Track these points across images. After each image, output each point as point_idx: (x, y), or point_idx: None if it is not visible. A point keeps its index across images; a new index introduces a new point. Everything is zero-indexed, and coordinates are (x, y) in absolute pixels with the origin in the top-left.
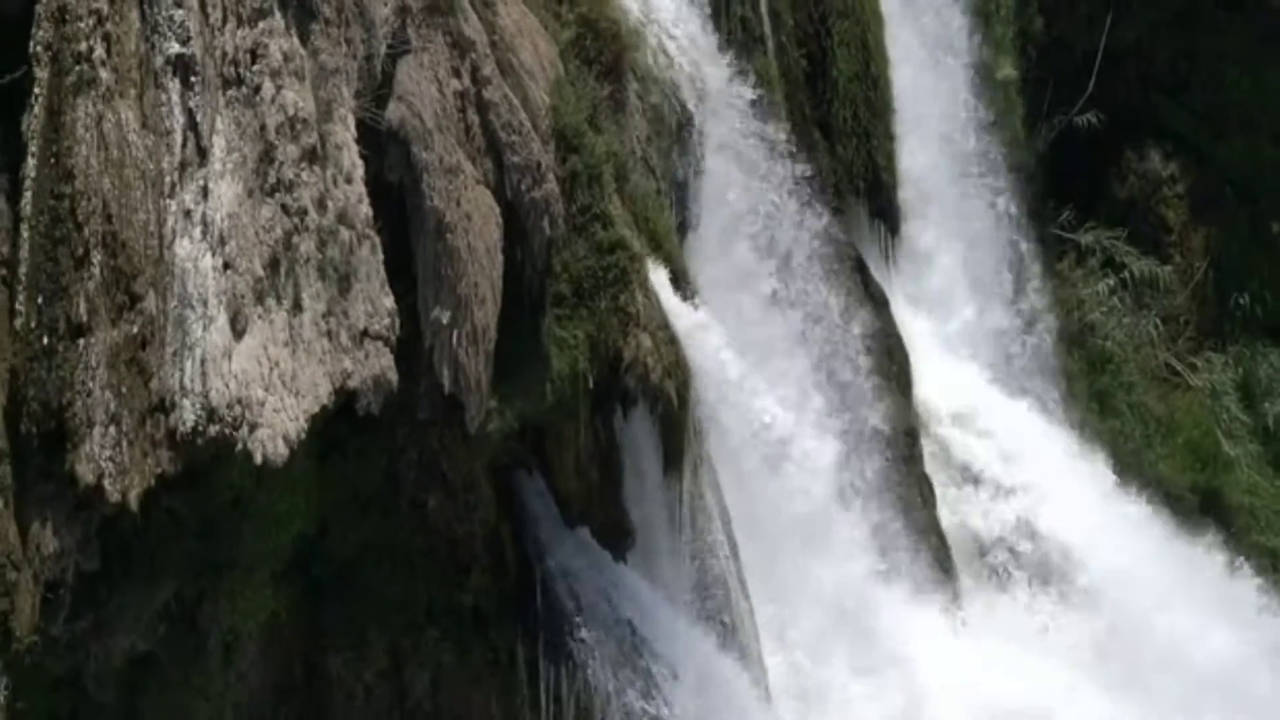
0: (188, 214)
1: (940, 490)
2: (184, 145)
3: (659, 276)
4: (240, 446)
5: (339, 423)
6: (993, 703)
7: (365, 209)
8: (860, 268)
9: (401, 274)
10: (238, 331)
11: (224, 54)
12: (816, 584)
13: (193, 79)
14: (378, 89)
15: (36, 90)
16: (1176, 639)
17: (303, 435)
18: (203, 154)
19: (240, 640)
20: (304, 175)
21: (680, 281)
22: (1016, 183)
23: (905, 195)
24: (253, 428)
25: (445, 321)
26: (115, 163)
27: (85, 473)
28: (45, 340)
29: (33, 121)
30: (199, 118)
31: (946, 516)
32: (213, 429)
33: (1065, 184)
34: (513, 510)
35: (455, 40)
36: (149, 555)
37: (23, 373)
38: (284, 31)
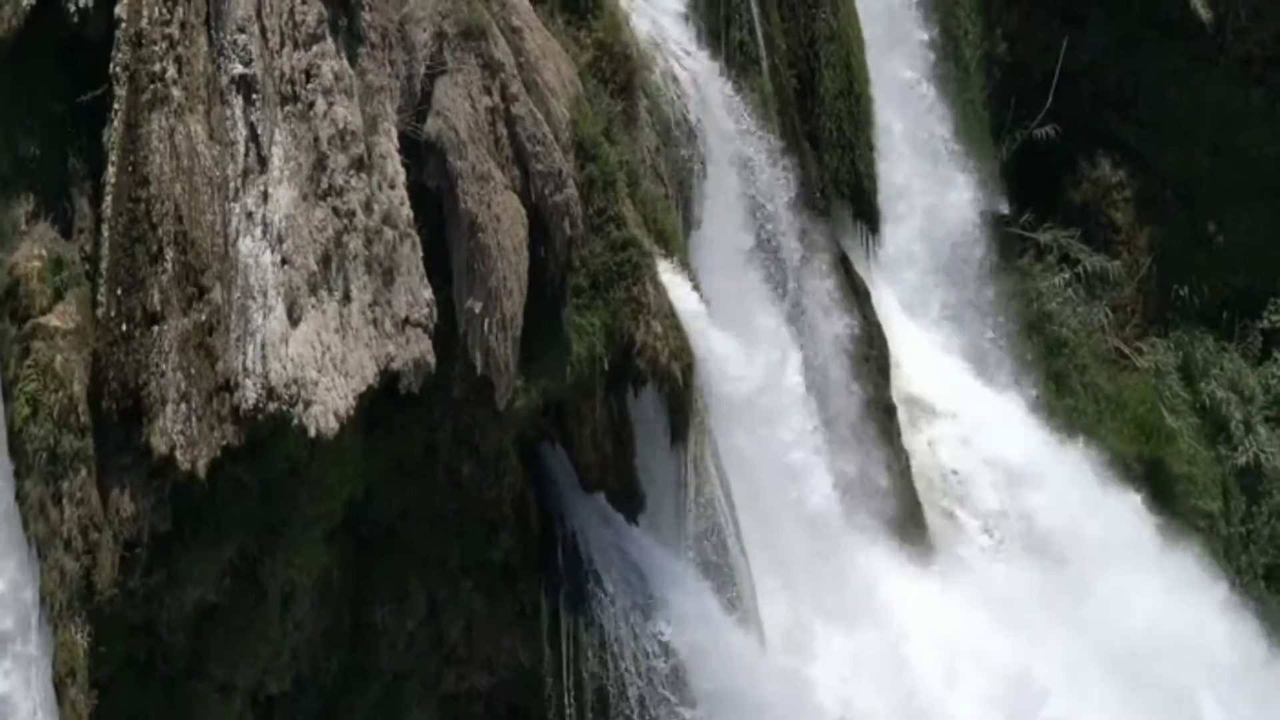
0: (249, 215)
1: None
2: (246, 155)
3: (667, 271)
4: (296, 421)
5: (383, 400)
6: (962, 641)
7: (407, 211)
8: (844, 262)
9: (439, 269)
10: (294, 320)
11: (282, 74)
12: (803, 540)
13: (254, 96)
14: (418, 105)
15: (116, 106)
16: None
17: (351, 412)
18: (263, 163)
19: (296, 592)
20: (352, 181)
21: (685, 274)
22: (983, 188)
23: (884, 199)
24: (307, 405)
25: (477, 311)
26: (185, 170)
27: (159, 444)
28: (124, 327)
29: (112, 134)
30: (260, 130)
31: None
32: (272, 406)
33: (1026, 189)
34: (537, 477)
35: (486, 62)
36: (215, 517)
37: (104, 356)
38: (335, 54)
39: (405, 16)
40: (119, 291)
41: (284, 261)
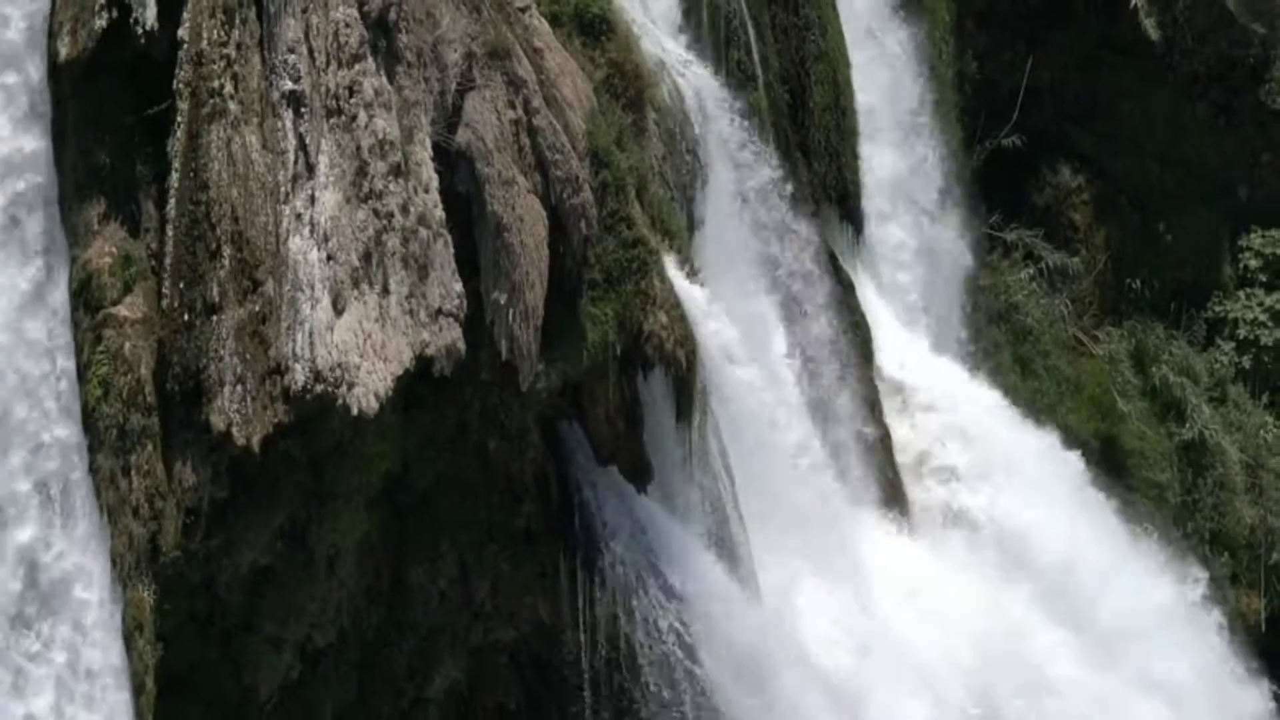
0: (298, 217)
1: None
2: (295, 162)
3: (672, 267)
4: (340, 402)
5: (419, 383)
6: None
7: (439, 213)
8: (832, 258)
9: (468, 264)
10: (338, 310)
11: (327, 89)
12: (794, 505)
13: (303, 109)
14: (449, 118)
15: (178, 119)
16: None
17: (390, 393)
18: (310, 169)
19: (340, 555)
20: (391, 186)
21: (689, 269)
22: (957, 192)
23: (870, 202)
24: (350, 387)
25: (503, 302)
26: (241, 176)
27: (218, 422)
28: (185, 317)
29: (175, 144)
30: (307, 141)
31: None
32: (318, 388)
33: (994, 193)
34: (556, 452)
35: (511, 79)
36: (268, 487)
37: (168, 343)
38: (375, 72)
39: (438, 38)
40: (181, 285)
41: (329, 258)
